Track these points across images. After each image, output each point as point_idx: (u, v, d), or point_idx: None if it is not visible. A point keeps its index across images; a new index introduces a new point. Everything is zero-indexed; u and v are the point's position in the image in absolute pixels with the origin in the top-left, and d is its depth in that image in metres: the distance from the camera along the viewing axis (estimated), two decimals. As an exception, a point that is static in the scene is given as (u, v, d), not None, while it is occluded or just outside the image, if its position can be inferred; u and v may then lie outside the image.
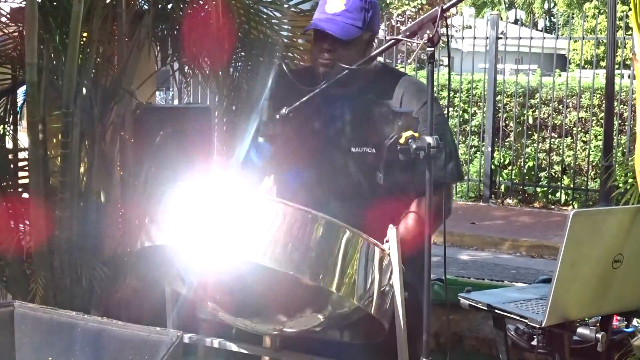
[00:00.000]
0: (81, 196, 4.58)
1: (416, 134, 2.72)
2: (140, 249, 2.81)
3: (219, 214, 2.61)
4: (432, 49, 2.70)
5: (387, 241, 2.75)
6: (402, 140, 2.72)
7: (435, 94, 3.02)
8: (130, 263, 4.54)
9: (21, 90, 4.85)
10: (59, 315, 2.51)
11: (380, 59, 3.35)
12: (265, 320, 2.85)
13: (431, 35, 2.68)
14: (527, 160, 12.59)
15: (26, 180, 4.48)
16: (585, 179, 12.20)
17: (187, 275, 2.87)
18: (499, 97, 12.66)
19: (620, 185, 6.23)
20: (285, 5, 5.14)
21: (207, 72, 5.31)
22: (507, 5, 36.57)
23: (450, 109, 12.82)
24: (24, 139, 4.61)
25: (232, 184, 3.03)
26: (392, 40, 2.99)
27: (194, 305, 4.15)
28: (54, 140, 4.73)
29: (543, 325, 3.10)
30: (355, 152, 3.14)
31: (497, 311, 3.49)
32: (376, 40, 3.16)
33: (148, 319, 4.85)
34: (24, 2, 4.34)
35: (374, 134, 3.10)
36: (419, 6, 21.47)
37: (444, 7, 2.71)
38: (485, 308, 3.54)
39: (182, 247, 2.68)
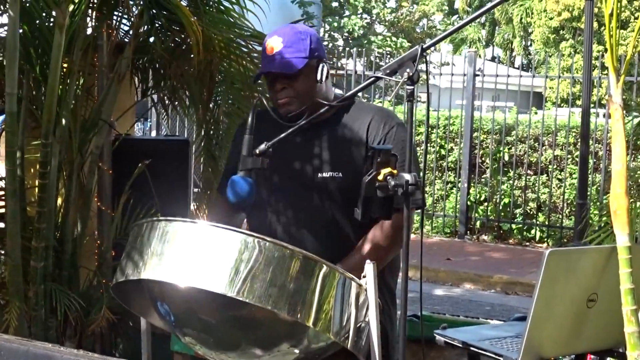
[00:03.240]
0: (58, 227, 4.57)
1: (394, 171, 2.74)
2: (116, 283, 2.81)
3: (196, 249, 2.61)
4: (412, 87, 2.73)
5: (364, 276, 2.76)
6: (380, 177, 2.74)
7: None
8: (106, 294, 4.52)
9: (-1, 119, 4.85)
10: (35, 347, 2.49)
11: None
12: (241, 355, 2.84)
13: (411, 74, 2.71)
14: (502, 197, 12.66)
15: (2, 210, 4.47)
16: (560, 217, 12.27)
17: (163, 309, 2.86)
18: (475, 134, 12.74)
19: (595, 223, 6.28)
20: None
21: (187, 104, 5.33)
22: (484, 43, 36.87)
23: (427, 144, 12.87)
24: (0, 168, 4.60)
25: (209, 218, 3.04)
26: (373, 78, 3.02)
27: (168, 338, 4.15)
28: (32, 170, 4.72)
29: (518, 363, 3.11)
30: (323, 177, 3.17)
31: (472, 348, 3.50)
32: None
33: (122, 351, 4.85)
34: (5, 32, 4.35)
35: (339, 159, 3.14)
36: (401, 49, 21.64)
37: (424, 47, 2.74)
38: (461, 345, 3.55)
39: (159, 281, 2.67)
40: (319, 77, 3.15)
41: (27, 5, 4.45)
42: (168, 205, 4.77)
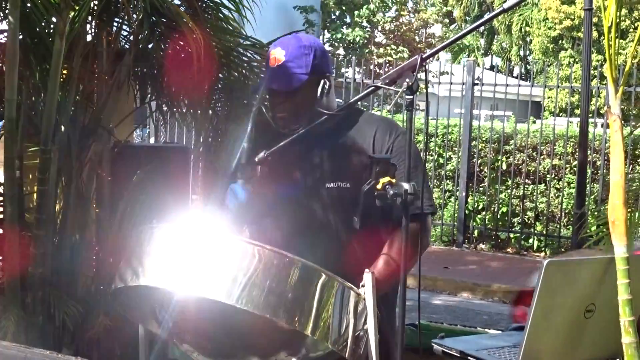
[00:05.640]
0: (56, 233, 4.56)
1: (393, 180, 2.74)
2: (114, 289, 2.81)
3: (195, 256, 2.61)
4: (411, 96, 2.73)
5: (362, 286, 2.76)
6: (379, 186, 2.74)
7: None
8: (103, 301, 4.52)
9: (-3, 125, 4.84)
10: (33, 354, 2.48)
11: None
12: (239, 363, 2.85)
13: (410, 84, 2.71)
14: (500, 206, 12.67)
15: (1, 216, 4.47)
16: (558, 226, 12.28)
17: (161, 316, 2.86)
18: (474, 143, 12.75)
19: (593, 233, 6.27)
20: (265, 49, 5.17)
21: (186, 111, 5.33)
22: (483, 52, 36.94)
23: (426, 153, 12.88)
24: (-1, 174, 4.61)
25: (208, 226, 3.03)
26: (372, 87, 3.02)
27: (166, 346, 4.14)
28: (31, 176, 4.72)
29: (515, 373, 3.11)
30: (330, 187, 3.15)
31: (470, 358, 3.50)
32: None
33: (119, 358, 4.84)
34: (5, 38, 4.35)
35: (347, 170, 3.13)
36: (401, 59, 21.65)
37: (424, 57, 2.75)
38: (459, 355, 3.55)
39: (157, 288, 2.67)
40: (318, 94, 3.13)
41: (27, 11, 4.45)
42: (167, 212, 4.77)
